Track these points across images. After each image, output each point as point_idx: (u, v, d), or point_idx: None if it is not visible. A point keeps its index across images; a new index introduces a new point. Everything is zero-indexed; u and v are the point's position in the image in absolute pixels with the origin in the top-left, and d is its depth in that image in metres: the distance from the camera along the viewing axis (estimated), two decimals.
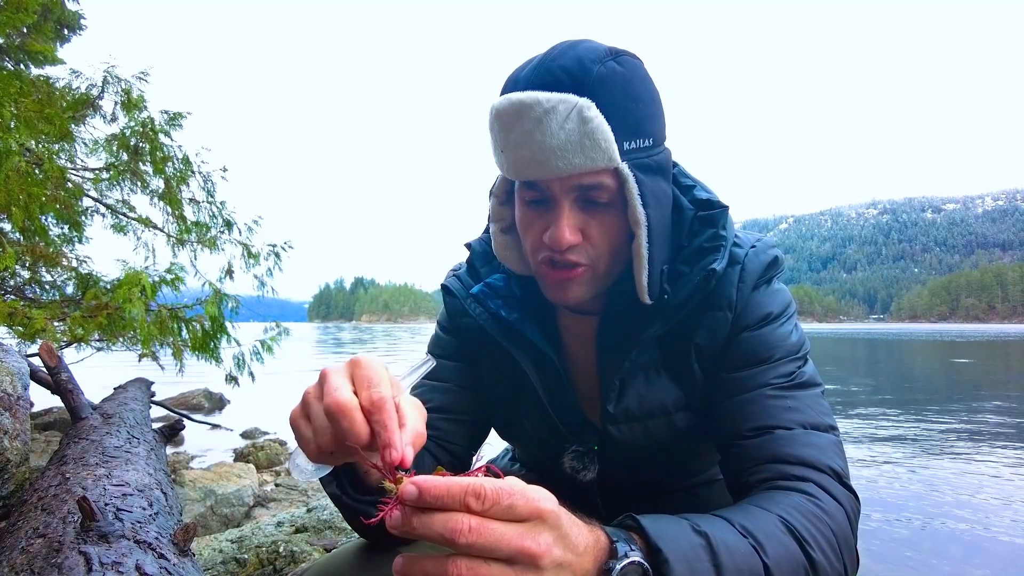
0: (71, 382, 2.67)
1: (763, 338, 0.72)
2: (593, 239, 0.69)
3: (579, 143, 0.63)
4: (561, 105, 0.63)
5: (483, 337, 0.84)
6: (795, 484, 0.60)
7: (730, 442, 0.69)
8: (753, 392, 0.69)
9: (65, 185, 4.18)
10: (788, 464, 0.62)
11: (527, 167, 0.66)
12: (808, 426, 0.65)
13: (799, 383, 0.69)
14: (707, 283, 0.70)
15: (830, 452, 0.63)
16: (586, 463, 0.81)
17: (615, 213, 0.69)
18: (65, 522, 1.21)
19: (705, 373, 0.75)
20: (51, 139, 4.10)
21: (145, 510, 1.36)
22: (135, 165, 4.64)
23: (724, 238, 0.72)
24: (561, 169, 0.64)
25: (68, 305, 4.20)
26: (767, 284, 0.75)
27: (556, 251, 0.68)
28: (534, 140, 0.64)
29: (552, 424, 0.81)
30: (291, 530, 2.04)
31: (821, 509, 0.57)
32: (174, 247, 4.91)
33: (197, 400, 6.73)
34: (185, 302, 4.49)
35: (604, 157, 0.64)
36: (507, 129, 0.66)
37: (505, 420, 0.88)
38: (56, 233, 4.59)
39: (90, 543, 1.08)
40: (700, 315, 0.73)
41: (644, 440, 0.77)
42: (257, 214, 5.21)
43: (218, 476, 3.13)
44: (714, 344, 0.74)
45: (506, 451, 1.09)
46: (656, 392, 0.76)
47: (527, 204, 0.71)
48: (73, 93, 4.52)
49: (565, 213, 0.67)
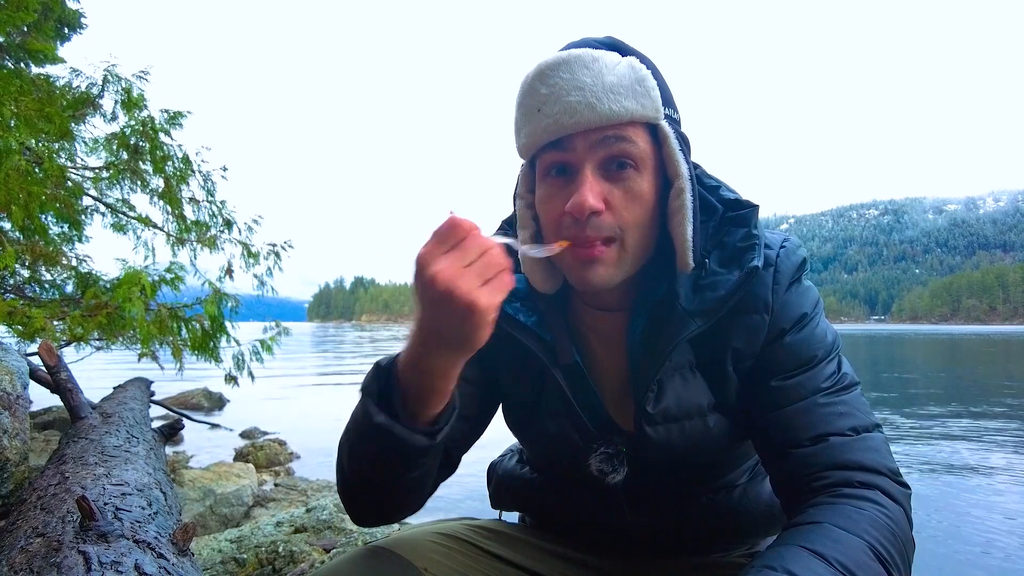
0: (70, 381, 2.67)
1: (804, 341, 0.73)
2: (616, 208, 0.68)
3: (631, 88, 0.65)
4: (608, 56, 0.66)
5: (501, 336, 0.80)
6: (861, 492, 0.63)
7: (787, 449, 0.69)
8: (805, 401, 0.70)
9: (65, 184, 4.18)
10: (850, 470, 0.65)
11: (573, 115, 0.65)
12: (860, 429, 0.68)
13: (843, 386, 0.72)
14: (748, 281, 0.70)
15: (884, 452, 0.67)
16: (615, 465, 0.79)
17: (641, 178, 0.68)
18: (64, 521, 1.21)
19: (741, 377, 0.75)
20: (51, 138, 4.11)
21: (144, 510, 1.36)
22: (135, 164, 4.64)
23: (757, 237, 0.72)
24: (615, 112, 0.64)
25: (68, 304, 4.20)
26: (798, 283, 0.76)
27: (579, 218, 0.67)
28: (584, 84, 0.64)
29: (581, 425, 0.80)
30: (290, 530, 2.05)
31: (890, 519, 0.61)
32: (174, 246, 4.92)
33: (196, 400, 6.74)
34: (185, 301, 4.49)
35: (652, 107, 0.66)
36: (551, 82, 0.66)
37: (523, 420, 0.86)
38: (56, 232, 4.60)
39: (89, 542, 1.08)
40: (735, 317, 0.73)
41: (680, 441, 0.76)
42: (257, 213, 5.23)
43: (217, 476, 3.13)
44: (752, 348, 0.73)
45: (510, 452, 1.06)
46: (692, 393, 0.75)
47: (547, 177, 0.71)
48: (73, 92, 4.52)
49: (588, 178, 0.67)
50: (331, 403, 7.29)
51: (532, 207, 0.76)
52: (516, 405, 0.86)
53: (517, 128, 0.72)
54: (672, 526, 0.84)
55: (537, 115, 0.67)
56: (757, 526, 0.86)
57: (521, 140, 0.72)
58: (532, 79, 0.68)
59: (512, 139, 0.76)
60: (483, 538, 0.86)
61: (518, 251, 0.54)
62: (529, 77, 0.69)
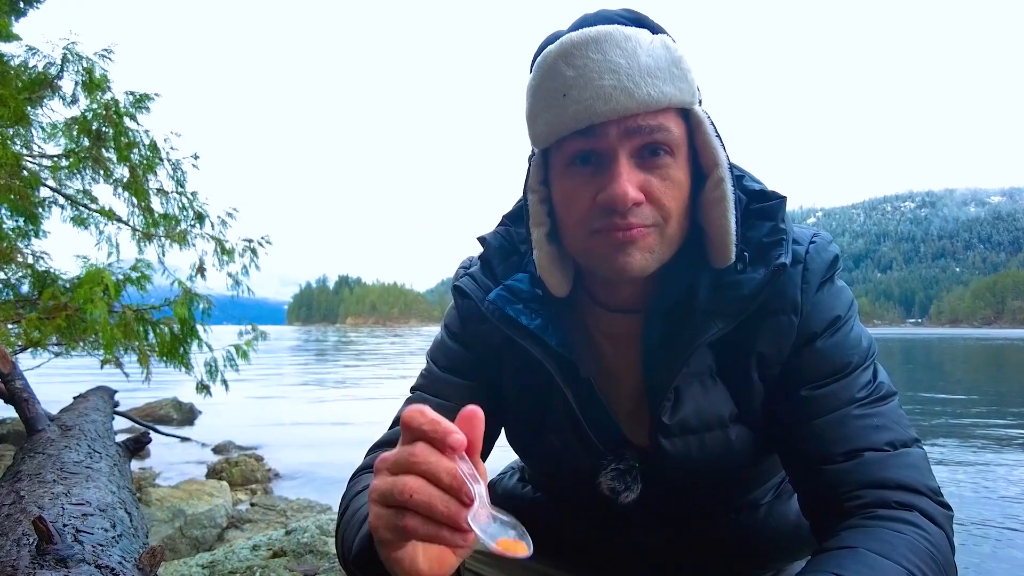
0: (26, 390, 2.67)
1: (837, 347, 0.73)
2: (657, 197, 0.67)
3: (668, 70, 0.65)
4: (640, 34, 0.65)
5: (504, 344, 0.81)
6: (899, 513, 0.63)
7: (817, 465, 0.70)
8: (838, 412, 0.70)
9: (20, 173, 4.19)
10: (888, 489, 0.65)
11: (607, 101, 0.63)
12: (898, 444, 0.68)
13: (879, 396, 0.71)
14: (775, 279, 0.70)
15: (924, 470, 0.67)
16: (628, 483, 0.78)
17: (677, 165, 0.68)
18: (20, 545, 1.21)
19: (767, 385, 0.75)
20: (5, 123, 4.11)
21: (107, 532, 1.36)
22: (97, 151, 4.64)
23: (785, 231, 0.71)
24: (652, 98, 0.64)
25: (23, 305, 4.21)
26: (830, 282, 0.75)
27: (617, 211, 0.65)
28: (620, 67, 0.63)
29: (589, 441, 0.79)
30: (268, 554, 2.05)
31: (931, 544, 0.60)
32: (140, 242, 4.92)
33: (165, 411, 6.73)
34: (152, 303, 4.50)
35: (689, 91, 0.66)
36: (579, 64, 0.64)
37: (527, 436, 0.86)
38: (10, 226, 4.60)
39: (47, 568, 1.08)
40: (761, 320, 0.72)
41: (699, 455, 0.76)
42: (232, 206, 5.23)
43: (188, 494, 3.13)
44: (780, 353, 0.73)
45: (511, 470, 1.06)
46: (713, 402, 0.75)
47: (572, 167, 0.69)
48: (29, 72, 4.53)
49: (624, 167, 0.65)
50: (313, 415, 7.28)
51: (547, 201, 0.75)
52: (518, 419, 0.86)
53: (533, 114, 0.70)
54: (690, 548, 0.84)
55: (563, 100, 0.65)
56: (783, 549, 0.86)
57: (539, 127, 0.70)
58: (555, 59, 0.66)
59: (520, 126, 0.75)
60: (480, 564, 0.86)
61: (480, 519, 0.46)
62: (551, 56, 0.67)
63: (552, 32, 0.71)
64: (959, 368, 15.73)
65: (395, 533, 0.47)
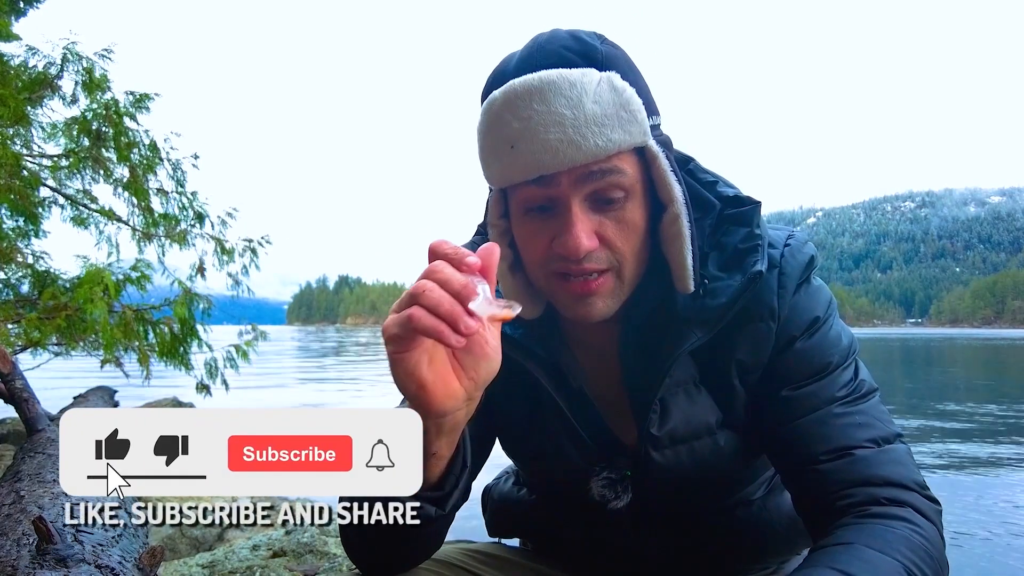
0: (26, 390, 2.67)
1: (817, 346, 0.73)
2: (611, 241, 0.67)
3: (616, 116, 0.63)
4: (586, 78, 0.63)
5: None
6: (890, 509, 0.64)
7: (804, 467, 0.70)
8: (820, 412, 0.71)
9: (20, 173, 4.19)
10: (876, 487, 0.66)
11: (555, 155, 0.62)
12: (882, 441, 0.69)
13: (861, 394, 0.72)
14: (751, 286, 0.70)
15: (909, 465, 0.68)
16: (618, 491, 0.79)
17: (632, 205, 0.68)
18: (20, 545, 1.21)
19: (749, 389, 0.75)
20: (5, 123, 4.11)
21: (107, 532, 1.36)
22: (97, 151, 4.65)
23: (760, 236, 0.71)
24: (600, 147, 0.63)
25: (23, 305, 4.21)
26: (807, 284, 0.76)
27: (571, 260, 0.66)
28: (565, 118, 0.62)
29: (581, 443, 0.79)
30: (268, 554, 2.05)
31: (924, 538, 0.62)
32: (140, 242, 4.92)
33: None
34: (152, 303, 4.50)
35: (639, 131, 0.65)
36: (524, 115, 0.63)
37: (518, 441, 0.87)
38: (10, 226, 4.60)
39: (47, 568, 1.08)
40: (739, 327, 0.73)
41: (689, 463, 0.76)
42: (232, 206, 5.25)
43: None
44: (759, 358, 0.73)
45: (506, 474, 1.06)
46: (699, 410, 0.75)
47: (528, 212, 0.69)
48: (29, 72, 4.53)
49: (577, 216, 0.65)
50: None
51: (507, 233, 0.74)
52: (509, 423, 0.86)
53: (484, 159, 0.70)
54: (684, 547, 0.84)
55: (511, 152, 0.65)
56: (778, 542, 0.86)
57: (492, 172, 0.69)
58: (500, 108, 0.65)
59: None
60: (480, 564, 0.86)
61: (480, 303, 0.51)
62: (496, 105, 0.65)
63: (504, 59, 0.70)
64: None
65: (402, 327, 0.50)
